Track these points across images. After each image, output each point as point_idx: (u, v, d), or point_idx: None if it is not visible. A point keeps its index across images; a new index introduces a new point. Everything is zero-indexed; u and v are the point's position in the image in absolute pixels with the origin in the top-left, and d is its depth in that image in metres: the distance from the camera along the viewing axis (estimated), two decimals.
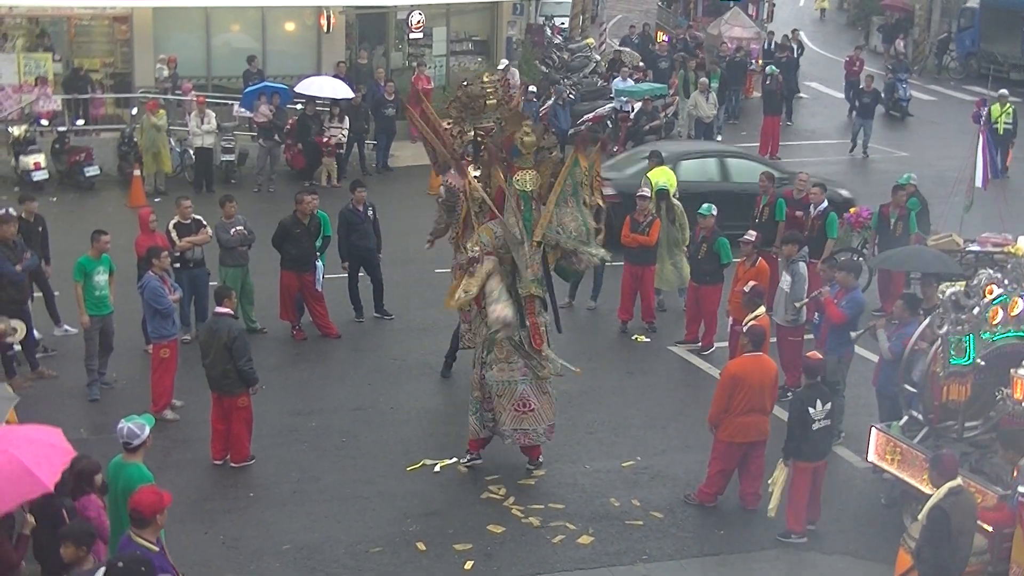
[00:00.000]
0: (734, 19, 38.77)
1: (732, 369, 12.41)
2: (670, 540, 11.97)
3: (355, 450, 13.78)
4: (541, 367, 12.84)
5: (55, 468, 9.09)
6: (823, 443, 12.03)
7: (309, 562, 11.41)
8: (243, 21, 30.91)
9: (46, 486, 8.95)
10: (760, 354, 12.42)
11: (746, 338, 12.57)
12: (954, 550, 9.56)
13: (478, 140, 14.42)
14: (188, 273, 16.31)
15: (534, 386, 12.89)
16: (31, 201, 17.02)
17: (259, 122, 25.57)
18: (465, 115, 14.63)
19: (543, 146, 12.91)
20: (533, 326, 12.77)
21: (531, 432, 13.02)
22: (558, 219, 12.74)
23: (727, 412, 12.21)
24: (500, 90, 14.76)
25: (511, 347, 12.76)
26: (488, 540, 11.83)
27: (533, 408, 12.91)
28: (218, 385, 13.11)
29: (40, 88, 25.99)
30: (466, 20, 34.46)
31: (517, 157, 12.82)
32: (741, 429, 12.23)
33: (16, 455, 8.94)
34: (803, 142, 31.34)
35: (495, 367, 12.83)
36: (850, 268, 14.46)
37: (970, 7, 43.52)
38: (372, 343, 17.08)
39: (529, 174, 12.76)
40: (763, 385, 12.25)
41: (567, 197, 12.77)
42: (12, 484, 8.80)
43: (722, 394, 12.26)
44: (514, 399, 12.85)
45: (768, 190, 18.17)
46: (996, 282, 11.64)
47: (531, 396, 12.89)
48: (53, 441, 9.44)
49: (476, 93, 14.51)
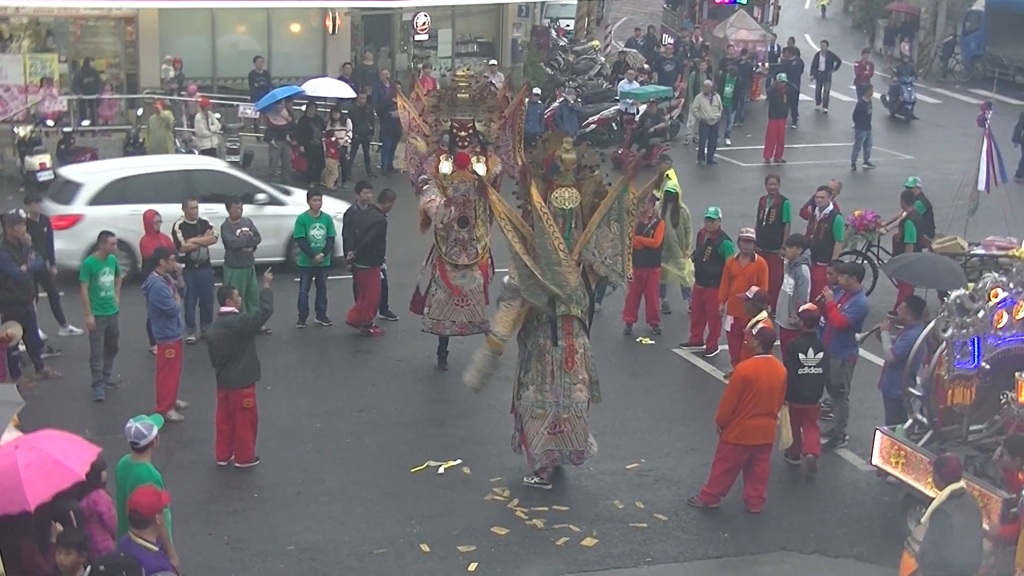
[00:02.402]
0: (740, 22, 38.74)
1: (743, 371, 12.39)
2: (674, 542, 11.97)
3: (359, 451, 13.79)
4: (574, 390, 12.61)
5: (84, 459, 9.23)
6: (807, 389, 13.11)
7: (313, 563, 11.42)
8: (249, 22, 30.97)
9: (78, 475, 9.06)
10: (770, 356, 12.42)
11: (756, 340, 12.55)
12: (958, 553, 9.55)
13: (452, 131, 15.44)
14: (193, 274, 16.33)
15: (574, 409, 12.67)
16: (36, 202, 17.03)
17: (277, 124, 25.61)
18: (440, 105, 15.51)
19: (584, 164, 12.65)
20: (569, 348, 12.57)
21: (557, 452, 12.82)
22: (596, 241, 12.51)
23: (735, 414, 12.21)
24: (473, 85, 15.50)
25: (545, 369, 12.63)
26: (492, 542, 11.83)
27: (563, 431, 12.72)
28: (229, 380, 13.09)
29: (46, 89, 26.03)
30: (471, 22, 34.51)
31: (557, 174, 12.56)
32: (748, 432, 12.22)
33: (44, 450, 9.10)
34: (808, 145, 31.33)
35: (531, 387, 12.70)
36: (853, 271, 14.40)
37: (976, 10, 43.50)
38: (376, 345, 17.08)
39: (569, 192, 12.51)
40: (772, 388, 12.25)
41: (610, 221, 12.48)
42: (45, 476, 8.90)
43: (732, 395, 12.25)
44: (547, 422, 12.68)
45: (775, 192, 18.16)
46: (1001, 286, 11.63)
47: (563, 420, 12.68)
48: (76, 439, 9.64)
49: (448, 85, 15.61)
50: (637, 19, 49.41)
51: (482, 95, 15.60)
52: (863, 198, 22.23)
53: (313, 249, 17.18)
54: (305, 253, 17.36)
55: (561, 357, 12.59)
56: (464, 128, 15.48)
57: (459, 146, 15.51)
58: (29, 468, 8.88)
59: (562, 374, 12.62)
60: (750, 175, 27.30)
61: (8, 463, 8.95)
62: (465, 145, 15.51)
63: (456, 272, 15.71)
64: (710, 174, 28.01)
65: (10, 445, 9.35)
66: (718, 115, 29.21)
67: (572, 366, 12.61)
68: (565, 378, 12.62)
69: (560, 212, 12.48)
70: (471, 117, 15.51)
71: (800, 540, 12.12)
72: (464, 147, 15.51)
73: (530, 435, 12.79)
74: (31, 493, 8.78)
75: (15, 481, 8.81)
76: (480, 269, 15.91)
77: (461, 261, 15.69)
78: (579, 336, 12.68)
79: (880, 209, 19.33)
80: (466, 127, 15.48)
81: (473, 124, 15.50)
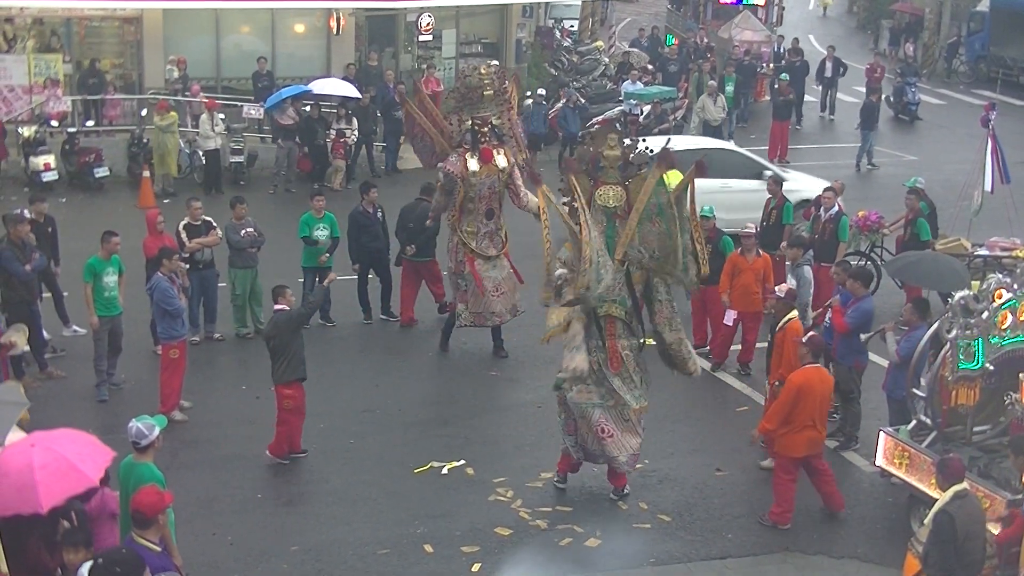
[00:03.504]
0: (744, 23, 38.72)
1: (797, 380, 11.98)
2: (677, 543, 11.96)
3: (363, 452, 13.79)
4: (617, 392, 12.26)
5: (99, 464, 9.24)
6: None
7: (317, 563, 11.42)
8: (253, 23, 30.99)
9: (92, 480, 9.08)
10: (819, 365, 12.25)
11: (805, 348, 12.22)
12: (961, 554, 9.54)
13: (475, 128, 15.98)
14: (197, 274, 16.33)
15: (613, 412, 12.33)
16: (41, 202, 17.07)
17: (284, 124, 25.62)
18: (463, 105, 16.09)
19: (632, 162, 12.24)
20: (612, 349, 12.24)
21: (613, 460, 12.51)
22: (641, 237, 12.02)
23: (786, 425, 12.00)
24: (496, 81, 16.04)
25: (590, 370, 12.15)
26: (496, 543, 11.83)
27: (612, 434, 12.34)
28: (275, 376, 13.24)
29: (50, 89, 26.06)
30: (476, 22, 34.52)
31: (602, 172, 12.27)
32: (802, 444, 12.04)
33: (61, 452, 9.08)
34: (812, 146, 31.30)
35: (574, 388, 12.34)
36: (859, 276, 14.27)
37: (980, 11, 43.48)
38: (380, 345, 17.10)
39: (613, 190, 12.16)
40: (824, 397, 12.11)
41: (652, 216, 11.93)
42: (59, 479, 8.90)
43: (785, 405, 11.95)
44: (592, 424, 12.34)
45: (776, 193, 18.15)
46: (1005, 286, 11.62)
47: (608, 422, 12.32)
48: (93, 441, 9.62)
49: (474, 84, 15.96)
50: (641, 20, 49.41)
51: (503, 90, 16.20)
52: (867, 199, 22.22)
53: (318, 250, 17.20)
54: (309, 248, 17.40)
55: (605, 358, 12.27)
56: (485, 124, 16.07)
57: (481, 142, 16.03)
58: (45, 470, 8.88)
59: (611, 374, 12.27)
60: None
61: (24, 462, 8.94)
62: (486, 140, 16.05)
63: (487, 264, 16.18)
64: None
65: (26, 442, 9.32)
66: (722, 116, 29.19)
67: (618, 367, 12.27)
68: (614, 379, 12.28)
69: (603, 210, 12.14)
70: (489, 113, 16.10)
71: (803, 541, 12.11)
72: (485, 142, 16.05)
73: (583, 435, 12.45)
74: (45, 495, 8.77)
75: (30, 482, 8.80)
76: (504, 256, 16.46)
77: (491, 252, 16.22)
78: (622, 338, 12.27)
79: (884, 210, 19.31)
80: (486, 123, 16.08)
81: (491, 120, 16.09)
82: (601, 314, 12.15)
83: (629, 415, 12.33)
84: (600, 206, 12.15)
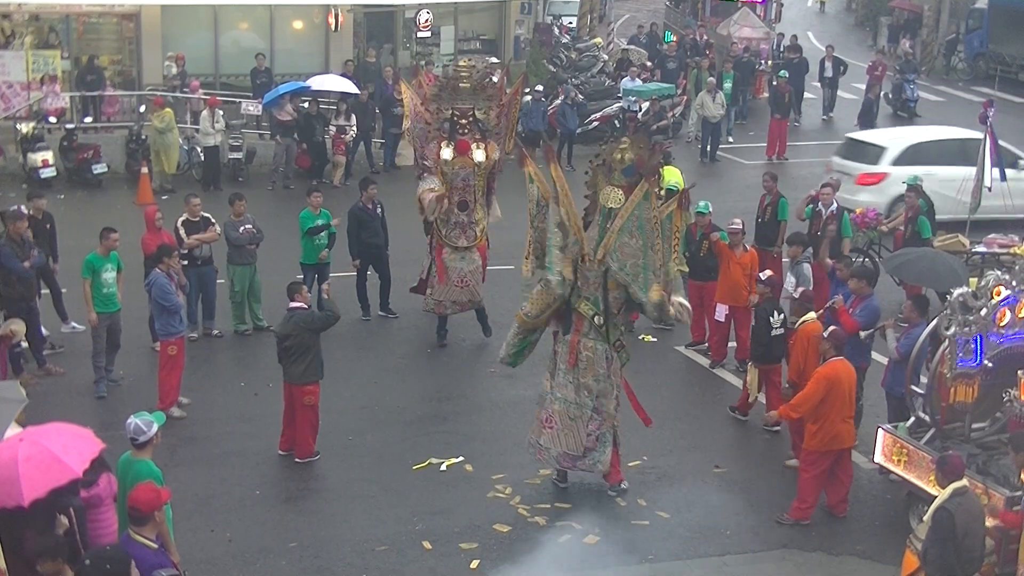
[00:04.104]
0: (743, 19, 38.72)
1: (826, 372, 12.06)
2: (676, 540, 11.96)
3: (361, 449, 13.79)
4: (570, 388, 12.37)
5: (84, 456, 9.18)
6: (777, 350, 14.06)
7: (315, 560, 11.42)
8: (251, 19, 30.98)
9: (75, 472, 9.03)
10: (843, 358, 12.28)
11: (828, 343, 12.32)
12: (960, 551, 9.54)
13: (453, 119, 16.21)
14: (196, 271, 16.32)
15: (567, 408, 12.45)
16: (39, 198, 17.04)
17: (283, 120, 25.60)
18: (441, 95, 16.29)
19: (641, 171, 12.13)
20: (572, 343, 12.34)
21: (543, 449, 12.65)
22: (617, 247, 12.07)
23: (820, 419, 12.01)
24: (474, 75, 16.33)
25: (555, 359, 12.52)
26: (494, 539, 11.83)
27: (553, 427, 12.52)
28: (293, 375, 13.17)
29: (48, 85, 26.03)
30: (474, 19, 34.53)
31: (610, 172, 12.36)
32: (837, 438, 12.07)
33: (45, 445, 9.08)
34: (810, 143, 31.29)
35: (546, 374, 12.68)
36: (863, 275, 14.24)
37: (979, 8, 43.43)
38: (378, 342, 17.09)
39: (615, 192, 12.24)
40: (851, 389, 12.17)
41: (632, 230, 12.00)
42: (42, 471, 8.88)
43: (815, 396, 11.98)
44: (543, 410, 12.60)
45: (772, 189, 18.14)
46: (1004, 283, 11.62)
47: (557, 417, 12.47)
48: (82, 433, 9.58)
49: (450, 75, 16.42)
50: (640, 16, 49.40)
51: (483, 84, 16.42)
52: None
53: (317, 246, 17.19)
54: (309, 240, 17.35)
55: (565, 352, 12.46)
56: (464, 116, 16.30)
57: (459, 133, 16.25)
58: (28, 462, 8.87)
59: (565, 369, 12.50)
60: (752, 172, 27.22)
61: (9, 456, 8.95)
62: (465, 132, 16.26)
63: (456, 254, 16.40)
64: (713, 171, 27.99)
65: (15, 437, 9.35)
66: (721, 113, 29.21)
67: (573, 364, 12.41)
68: (568, 375, 12.49)
69: (602, 210, 12.31)
70: (471, 106, 16.32)
71: (802, 538, 12.11)
72: (464, 134, 16.25)
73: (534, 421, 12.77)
74: (27, 488, 8.75)
75: (13, 475, 8.80)
76: (479, 251, 16.61)
77: (460, 243, 16.46)
78: (587, 337, 12.35)
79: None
80: (466, 115, 16.30)
81: (473, 112, 16.31)
82: (573, 307, 12.38)
83: (576, 415, 12.42)
84: (602, 205, 12.36)
